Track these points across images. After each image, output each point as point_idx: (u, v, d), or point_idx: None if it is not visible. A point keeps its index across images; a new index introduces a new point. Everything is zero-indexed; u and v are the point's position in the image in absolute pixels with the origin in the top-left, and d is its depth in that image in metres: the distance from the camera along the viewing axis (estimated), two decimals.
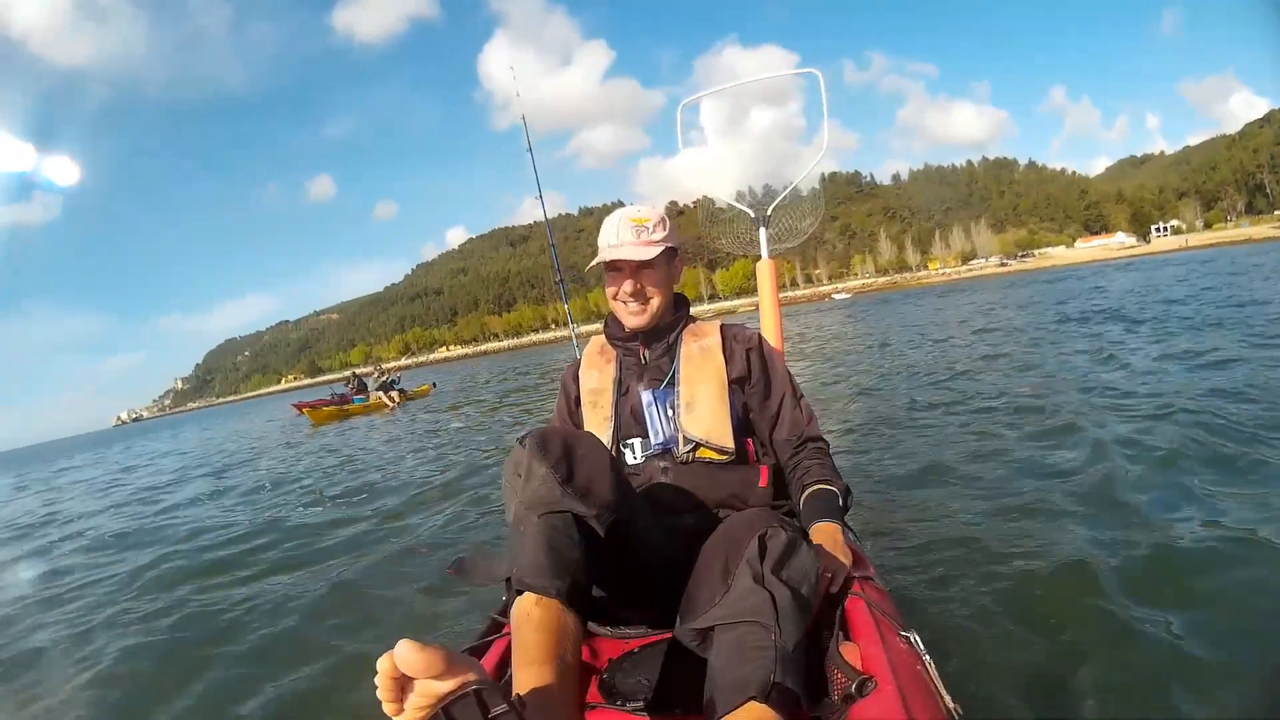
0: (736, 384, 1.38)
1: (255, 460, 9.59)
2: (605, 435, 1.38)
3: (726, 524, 1.06)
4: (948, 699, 0.92)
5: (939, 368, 6.71)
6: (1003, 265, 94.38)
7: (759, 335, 1.46)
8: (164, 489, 7.92)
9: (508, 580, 0.99)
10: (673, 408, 1.35)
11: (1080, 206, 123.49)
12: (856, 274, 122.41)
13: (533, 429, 1.03)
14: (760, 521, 0.99)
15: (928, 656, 0.99)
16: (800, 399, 1.44)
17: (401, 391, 16.50)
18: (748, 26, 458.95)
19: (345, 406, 15.68)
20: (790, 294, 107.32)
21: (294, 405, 19.73)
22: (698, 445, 1.32)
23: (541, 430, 1.01)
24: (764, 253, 2.52)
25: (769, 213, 2.61)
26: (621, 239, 1.35)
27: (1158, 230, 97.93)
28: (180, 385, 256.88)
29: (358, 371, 18.88)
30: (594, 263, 1.37)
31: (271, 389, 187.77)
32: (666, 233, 1.37)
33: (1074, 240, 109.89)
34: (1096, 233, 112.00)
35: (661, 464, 1.34)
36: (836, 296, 76.54)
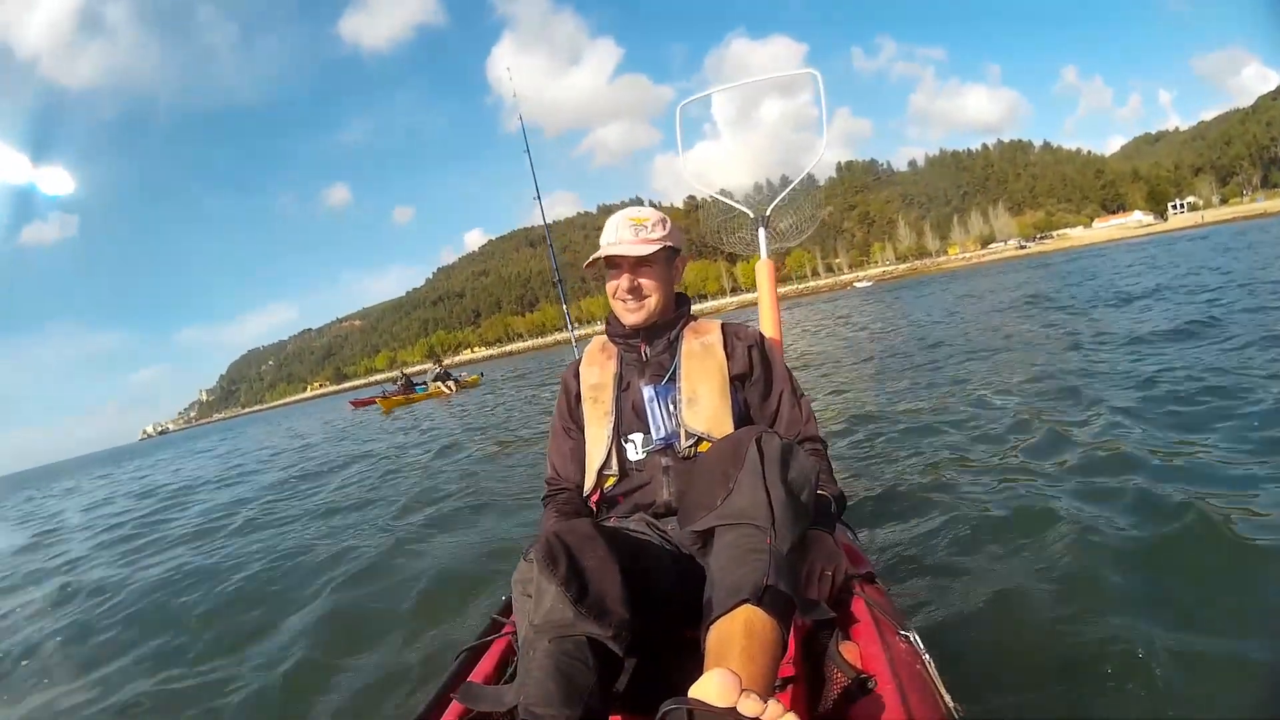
0: (737, 380, 1.42)
1: (385, 436, 10.94)
2: (606, 430, 1.40)
3: (723, 439, 1.12)
4: (947, 698, 0.93)
5: (946, 362, 6.76)
6: (1021, 248, 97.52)
7: (760, 333, 1.50)
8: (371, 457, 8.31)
9: (514, 709, 0.96)
10: (674, 403, 1.38)
11: (1097, 186, 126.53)
12: (877, 262, 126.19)
13: (536, 540, 1.01)
14: (755, 430, 1.06)
15: (927, 655, 1.01)
16: (800, 398, 1.47)
17: (456, 381, 19.31)
18: (755, 18, 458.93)
19: (409, 395, 18.47)
20: (811, 284, 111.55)
21: (351, 403, 23.17)
22: (699, 439, 1.34)
23: (546, 541, 0.98)
24: (763, 253, 2.58)
25: (768, 213, 2.67)
26: (620, 237, 1.38)
27: (1174, 207, 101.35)
28: (205, 397, 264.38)
29: (405, 371, 22.48)
30: (592, 258, 1.40)
31: (297, 397, 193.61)
32: (665, 232, 1.39)
33: (1092, 220, 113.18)
34: (1114, 212, 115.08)
35: (663, 460, 1.35)
36: (859, 285, 79.76)
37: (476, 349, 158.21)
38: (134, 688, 2.47)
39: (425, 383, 19.90)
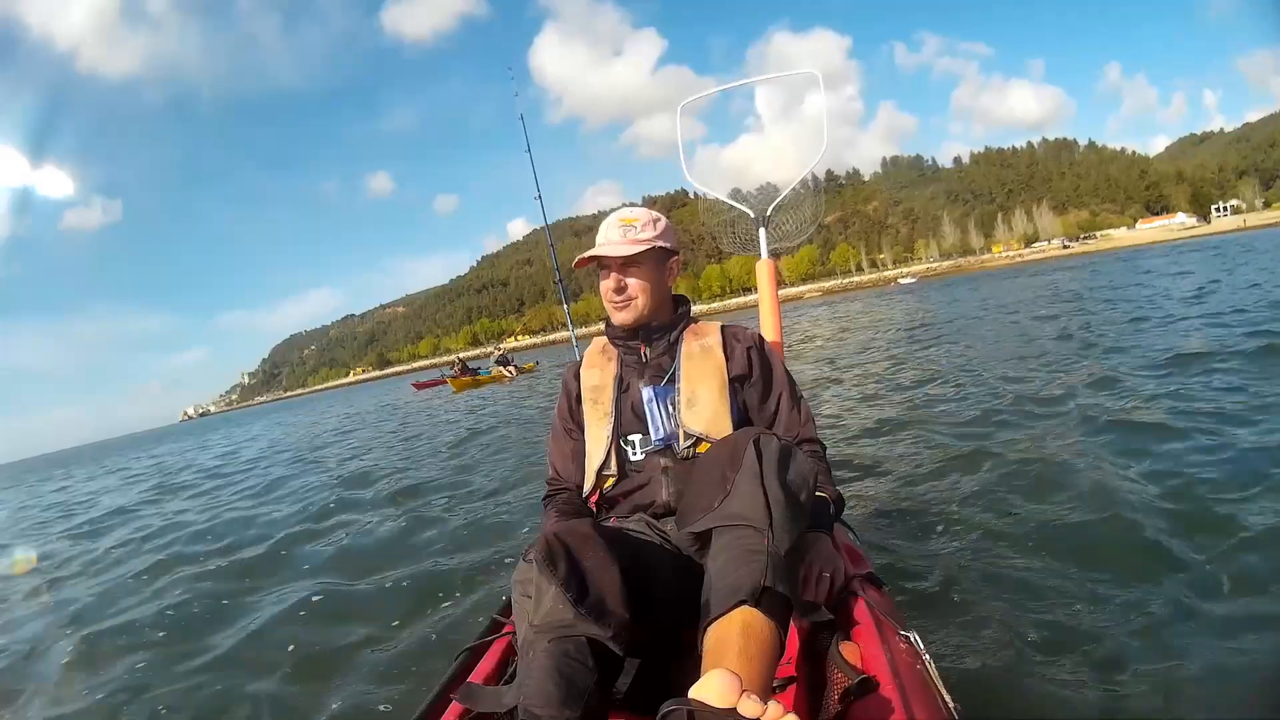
0: (736, 381, 1.46)
1: (484, 407, 12.32)
2: (605, 431, 1.45)
3: (721, 441, 1.18)
4: (947, 698, 0.96)
5: (954, 365, 6.84)
6: (1065, 247, 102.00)
7: (759, 335, 1.54)
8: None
9: (513, 710, 0.98)
10: (673, 404, 1.42)
11: (1141, 187, 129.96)
12: (921, 258, 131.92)
13: (536, 540, 1.04)
14: (753, 431, 1.10)
15: (927, 656, 1.03)
16: (799, 400, 1.52)
17: (516, 367, 21.01)
18: (798, 11, 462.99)
19: (476, 377, 20.00)
20: (856, 279, 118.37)
21: (414, 385, 25.26)
22: (698, 440, 1.38)
23: (545, 541, 1.01)
24: (763, 253, 2.60)
25: (769, 213, 2.69)
26: (608, 237, 1.43)
27: (1218, 210, 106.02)
28: (247, 380, 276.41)
29: (461, 357, 24.05)
30: (578, 259, 1.43)
31: (340, 382, 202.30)
32: (656, 233, 1.43)
33: (1135, 221, 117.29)
34: (1158, 213, 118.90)
35: (662, 461, 1.39)
36: (902, 281, 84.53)
37: (521, 337, 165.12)
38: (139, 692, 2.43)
39: (488, 367, 21.49)
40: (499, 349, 24.03)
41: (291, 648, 2.52)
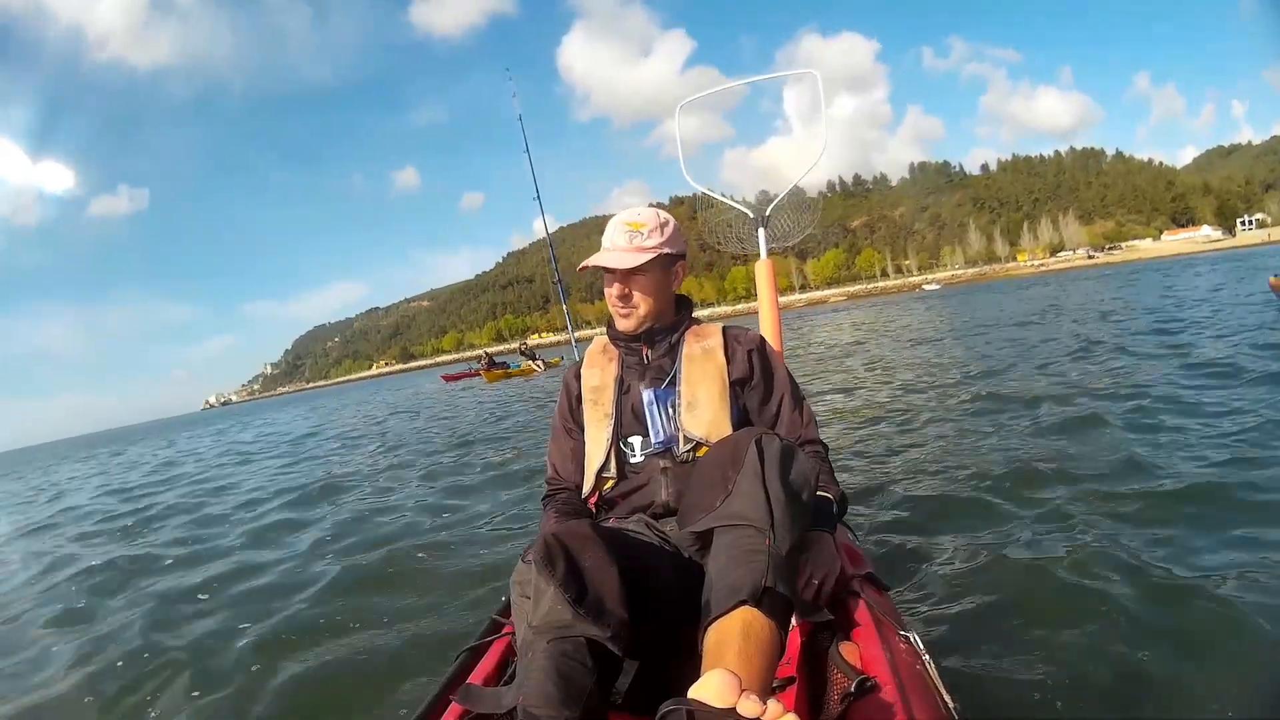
0: (737, 385, 1.46)
1: (527, 390, 13.89)
2: (605, 432, 1.46)
3: (722, 441, 1.19)
4: (947, 698, 0.97)
5: (958, 367, 7.02)
6: (1090, 258, 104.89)
7: (760, 337, 1.55)
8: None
9: (513, 710, 0.98)
10: (673, 407, 1.42)
11: (1167, 198, 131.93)
12: (946, 265, 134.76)
13: (534, 541, 1.05)
14: (755, 431, 1.11)
15: (927, 656, 1.05)
16: (801, 401, 1.52)
17: (544, 361, 22.24)
18: (827, 14, 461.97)
19: (507, 370, 21.40)
20: (881, 284, 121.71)
21: (443, 377, 26.03)
22: (698, 444, 1.39)
23: (544, 542, 1.02)
24: (762, 253, 2.62)
25: (768, 213, 2.71)
26: (614, 244, 1.43)
27: (1243, 223, 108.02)
28: (269, 370, 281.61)
29: (488, 351, 24.94)
30: (582, 265, 1.43)
31: (363, 374, 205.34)
32: (663, 238, 1.43)
33: (1161, 233, 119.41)
34: (1183, 225, 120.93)
35: (661, 463, 1.40)
36: (927, 287, 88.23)
37: (545, 334, 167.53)
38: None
39: (516, 361, 23.10)
40: (524, 344, 25.72)
41: (288, 648, 2.52)
